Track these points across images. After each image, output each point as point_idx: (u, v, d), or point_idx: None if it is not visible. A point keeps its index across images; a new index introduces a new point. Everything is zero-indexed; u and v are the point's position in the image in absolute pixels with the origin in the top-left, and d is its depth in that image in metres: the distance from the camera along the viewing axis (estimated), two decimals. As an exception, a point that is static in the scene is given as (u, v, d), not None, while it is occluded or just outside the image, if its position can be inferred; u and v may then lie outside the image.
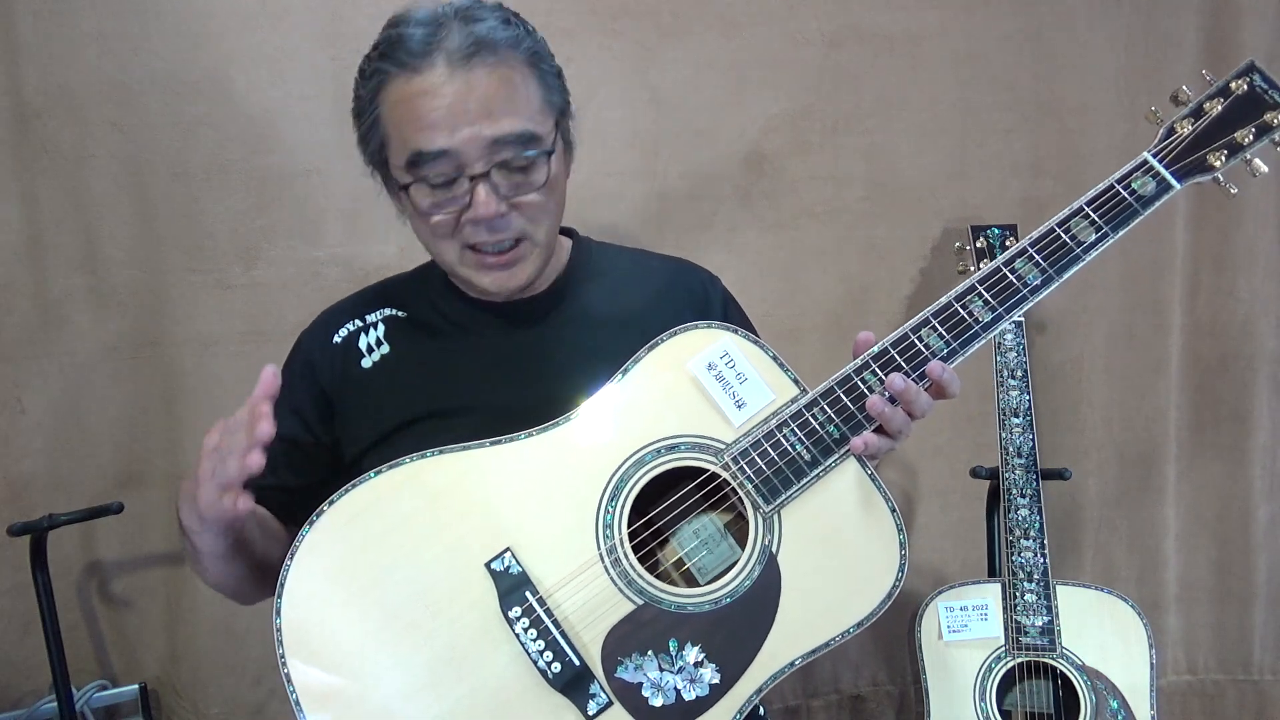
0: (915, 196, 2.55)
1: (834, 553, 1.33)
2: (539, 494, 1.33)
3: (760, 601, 1.30)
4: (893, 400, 1.33)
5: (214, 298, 2.28)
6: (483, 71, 1.36)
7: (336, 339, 1.59)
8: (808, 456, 1.33)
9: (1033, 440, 2.21)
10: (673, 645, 1.27)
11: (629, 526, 1.32)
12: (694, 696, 1.25)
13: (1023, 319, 2.24)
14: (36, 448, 2.25)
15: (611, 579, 1.29)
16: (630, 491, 1.33)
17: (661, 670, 1.26)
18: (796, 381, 1.39)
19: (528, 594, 1.26)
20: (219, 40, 2.20)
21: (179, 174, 2.22)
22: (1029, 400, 2.23)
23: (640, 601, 1.28)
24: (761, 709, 1.53)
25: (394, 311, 1.61)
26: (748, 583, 1.30)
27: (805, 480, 1.33)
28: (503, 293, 1.49)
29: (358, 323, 1.60)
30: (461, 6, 1.39)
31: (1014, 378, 2.24)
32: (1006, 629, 2.13)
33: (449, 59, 1.35)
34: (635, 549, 1.31)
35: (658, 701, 1.25)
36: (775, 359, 1.40)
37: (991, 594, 2.17)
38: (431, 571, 1.28)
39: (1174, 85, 1.52)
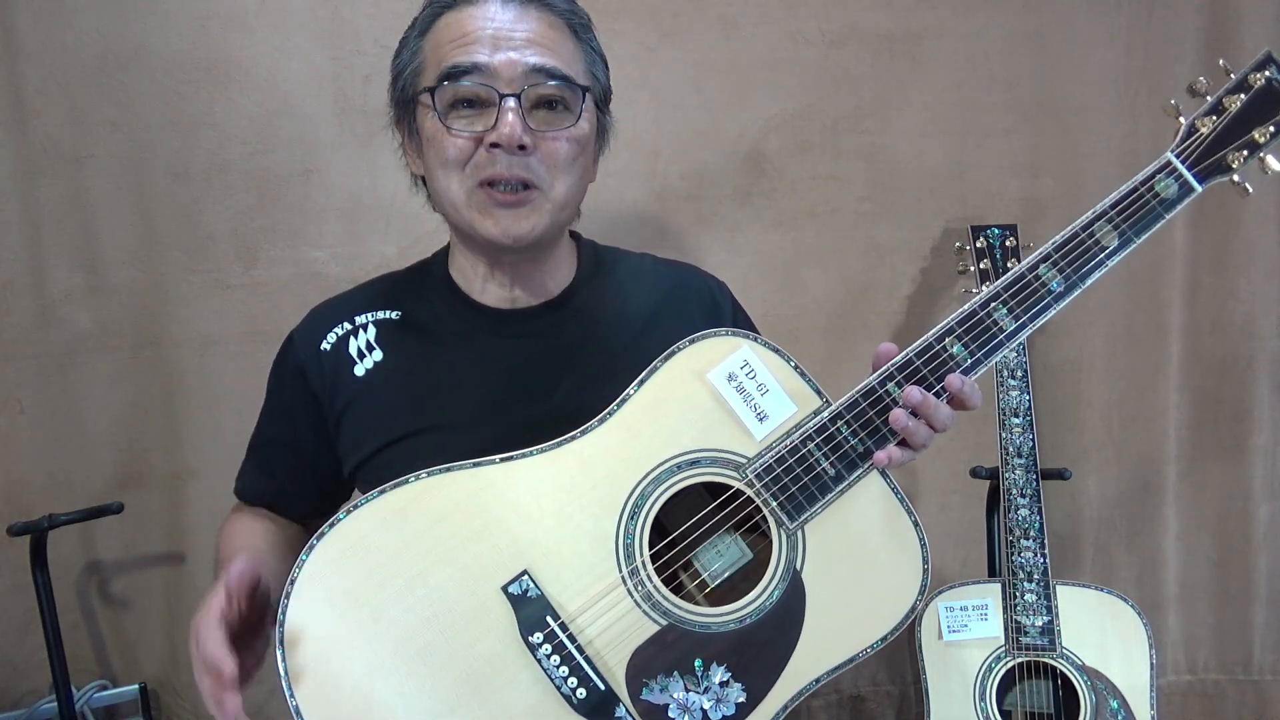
0: (915, 196, 2.54)
1: (858, 569, 1.32)
2: (555, 513, 1.29)
3: (785, 619, 1.28)
4: (915, 414, 1.32)
5: (214, 297, 2.27)
6: (534, 14, 1.39)
7: (325, 346, 1.51)
8: (832, 472, 1.31)
9: (1033, 440, 2.22)
10: (698, 665, 1.26)
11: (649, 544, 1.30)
12: (720, 716, 1.24)
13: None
14: (36, 448, 2.24)
15: (635, 601, 1.26)
16: (651, 510, 1.30)
17: (688, 691, 1.24)
18: (819, 391, 1.36)
19: (549, 619, 1.23)
20: (219, 40, 2.19)
21: (179, 174, 2.22)
22: (1029, 400, 2.23)
23: (665, 623, 1.26)
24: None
25: (386, 314, 1.53)
26: (772, 601, 1.29)
27: (830, 496, 1.31)
28: (507, 240, 1.39)
29: (345, 326, 1.52)
30: None
31: (1014, 378, 2.25)
32: (1006, 629, 2.14)
33: (504, 1, 1.38)
34: (657, 569, 1.29)
35: (684, 722, 1.24)
36: (796, 368, 1.37)
37: (991, 594, 2.18)
38: (445, 595, 1.23)
39: (1174, 85, 1.50)
